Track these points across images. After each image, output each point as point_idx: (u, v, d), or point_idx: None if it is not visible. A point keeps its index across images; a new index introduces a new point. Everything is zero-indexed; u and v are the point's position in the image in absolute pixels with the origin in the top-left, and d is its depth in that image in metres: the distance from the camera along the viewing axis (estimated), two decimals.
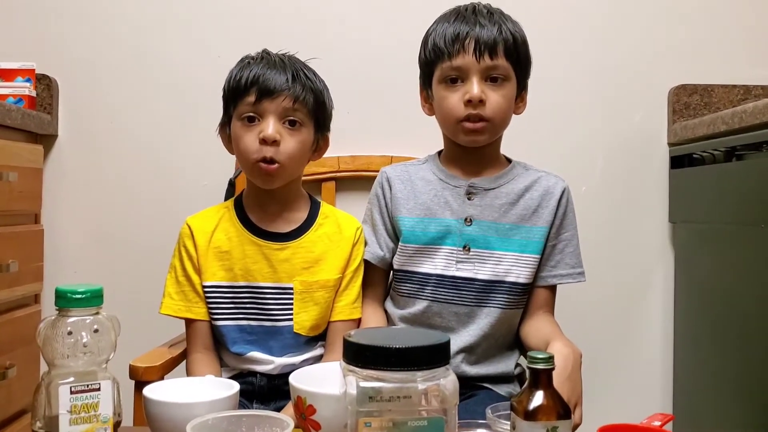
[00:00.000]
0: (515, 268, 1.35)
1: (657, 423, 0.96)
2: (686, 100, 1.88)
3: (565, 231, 1.38)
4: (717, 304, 1.64)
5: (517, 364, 1.41)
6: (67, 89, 1.90)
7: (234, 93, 1.31)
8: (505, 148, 1.44)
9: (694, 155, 1.75)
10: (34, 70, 1.82)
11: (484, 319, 1.35)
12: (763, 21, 1.92)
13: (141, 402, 1.10)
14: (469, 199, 1.37)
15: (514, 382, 1.39)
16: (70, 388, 0.81)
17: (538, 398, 0.80)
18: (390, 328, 1.33)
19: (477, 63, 1.29)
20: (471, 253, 1.35)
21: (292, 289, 1.32)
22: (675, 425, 1.79)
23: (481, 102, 1.29)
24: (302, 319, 1.32)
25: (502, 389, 1.35)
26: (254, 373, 1.33)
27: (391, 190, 1.42)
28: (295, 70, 1.30)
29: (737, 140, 1.53)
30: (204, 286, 1.33)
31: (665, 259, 1.91)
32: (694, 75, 1.90)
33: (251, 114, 1.28)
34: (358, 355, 0.74)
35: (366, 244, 1.41)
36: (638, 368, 1.91)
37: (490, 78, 1.31)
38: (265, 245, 1.33)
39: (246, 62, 1.33)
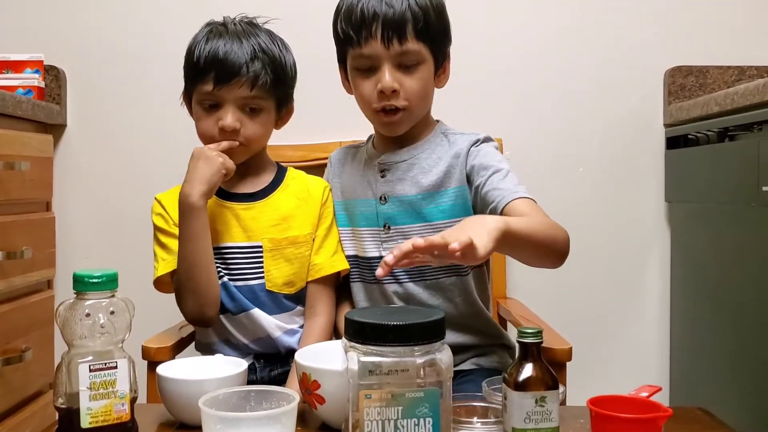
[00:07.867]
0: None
1: (644, 394, 1.00)
2: (681, 82, 1.90)
3: (484, 172, 1.25)
4: (712, 281, 1.68)
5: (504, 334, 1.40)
6: (74, 79, 1.94)
7: (192, 72, 1.32)
8: (501, 130, 1.44)
9: (689, 136, 1.78)
10: (42, 61, 1.86)
11: (426, 292, 1.31)
12: (759, 0, 1.94)
13: (153, 380, 1.16)
14: (382, 176, 1.33)
15: (501, 351, 1.37)
16: (89, 366, 0.86)
17: (527, 370, 0.85)
18: (388, 307, 1.37)
19: (386, 50, 1.22)
20: (391, 232, 1.32)
21: (261, 246, 1.34)
22: (672, 397, 1.84)
23: (395, 92, 1.23)
24: (274, 276, 1.34)
25: (488, 360, 1.35)
26: (253, 368, 1.33)
27: (331, 174, 1.43)
28: (256, 43, 1.29)
29: (729, 121, 1.57)
30: None
31: (662, 237, 1.94)
32: (689, 56, 1.92)
33: (210, 102, 1.30)
34: (359, 332, 0.79)
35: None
36: (635, 344, 1.95)
37: (403, 63, 1.24)
38: (232, 206, 1.35)
39: (204, 35, 1.32)
